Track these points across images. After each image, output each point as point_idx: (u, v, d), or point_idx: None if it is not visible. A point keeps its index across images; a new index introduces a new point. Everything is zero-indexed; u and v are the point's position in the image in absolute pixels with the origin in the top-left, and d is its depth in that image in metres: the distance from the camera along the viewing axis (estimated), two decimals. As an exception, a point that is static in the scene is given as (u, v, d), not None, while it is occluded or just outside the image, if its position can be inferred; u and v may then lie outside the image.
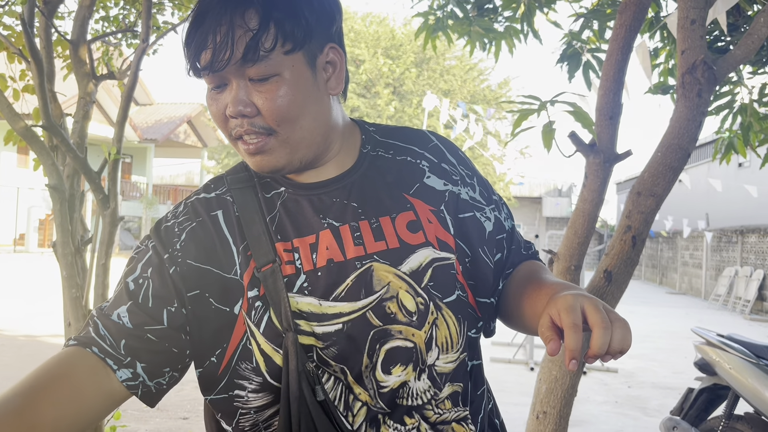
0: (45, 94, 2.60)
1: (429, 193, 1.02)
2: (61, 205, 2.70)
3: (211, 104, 0.93)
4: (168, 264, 0.94)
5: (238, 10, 0.86)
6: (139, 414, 4.76)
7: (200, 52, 0.88)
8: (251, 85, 0.89)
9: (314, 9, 0.92)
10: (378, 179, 1.01)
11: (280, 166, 0.94)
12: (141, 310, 0.91)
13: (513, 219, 1.14)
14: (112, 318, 0.91)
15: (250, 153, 0.92)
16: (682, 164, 2.24)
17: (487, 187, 1.11)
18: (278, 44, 0.87)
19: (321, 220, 0.96)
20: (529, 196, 33.10)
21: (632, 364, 7.81)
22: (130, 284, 0.94)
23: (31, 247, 21.48)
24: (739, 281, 15.96)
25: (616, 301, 2.41)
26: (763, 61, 3.15)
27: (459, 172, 1.07)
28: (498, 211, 1.09)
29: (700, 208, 20.24)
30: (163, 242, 0.96)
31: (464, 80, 23.00)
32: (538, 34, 3.21)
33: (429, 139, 1.09)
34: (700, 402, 3.56)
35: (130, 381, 0.90)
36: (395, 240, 0.97)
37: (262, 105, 0.89)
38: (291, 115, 0.90)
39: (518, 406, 5.27)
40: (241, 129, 0.91)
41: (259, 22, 0.86)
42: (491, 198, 1.10)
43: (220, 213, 0.98)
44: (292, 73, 0.89)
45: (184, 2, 3.82)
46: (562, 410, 2.38)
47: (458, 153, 1.10)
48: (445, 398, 0.96)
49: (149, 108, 26.83)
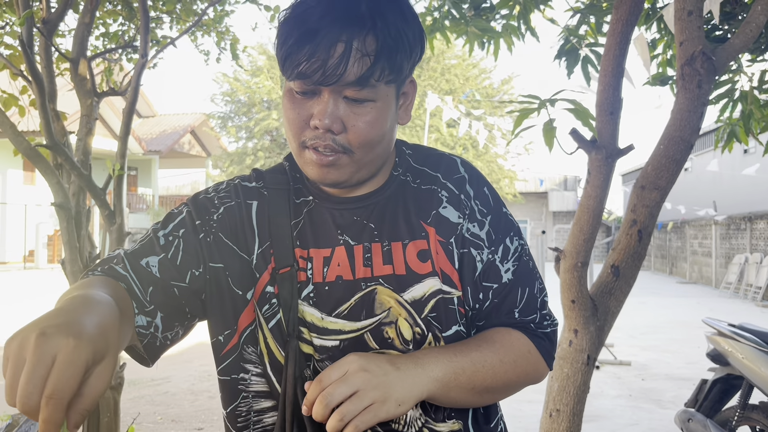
0: (47, 114, 2.62)
1: (443, 223, 1.00)
2: (68, 223, 2.71)
3: (292, 107, 0.92)
4: (199, 230, 0.98)
5: (359, 33, 0.86)
6: (153, 426, 4.78)
7: (308, 60, 0.87)
8: (345, 103, 0.90)
9: (417, 41, 0.94)
10: (400, 204, 1.01)
11: (342, 181, 0.95)
12: (171, 264, 0.95)
13: (526, 276, 1.02)
14: (141, 264, 0.94)
15: (320, 164, 0.92)
16: (685, 156, 2.24)
17: (501, 230, 1.02)
18: (386, 75, 0.89)
19: (339, 236, 0.98)
20: (534, 191, 33.03)
21: (645, 356, 7.78)
22: (161, 239, 0.97)
23: (40, 263, 21.59)
24: (750, 268, 15.87)
25: (624, 295, 2.40)
26: (762, 48, 3.14)
27: (471, 206, 1.02)
28: (502, 259, 1.01)
29: (707, 196, 20.15)
30: (199, 210, 1.00)
31: (466, 78, 22.98)
32: (535, 32, 3.20)
33: (457, 169, 1.05)
34: (714, 393, 3.54)
35: (143, 329, 0.92)
36: (402, 267, 0.97)
37: (352, 126, 0.90)
38: (373, 141, 0.92)
39: (532, 404, 5.26)
40: (321, 142, 0.90)
41: (376, 51, 0.87)
42: (500, 241, 1.02)
43: (255, 204, 1.02)
44: (385, 102, 0.92)
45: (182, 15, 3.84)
46: (575, 407, 2.38)
47: (481, 188, 1.04)
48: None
49: (152, 120, 26.93)
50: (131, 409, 4.98)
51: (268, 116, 21.31)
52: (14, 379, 0.65)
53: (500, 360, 0.95)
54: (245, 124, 22.48)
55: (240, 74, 22.49)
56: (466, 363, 0.91)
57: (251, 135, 22.33)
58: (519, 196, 24.62)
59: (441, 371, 0.89)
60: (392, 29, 0.89)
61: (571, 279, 2.36)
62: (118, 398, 2.97)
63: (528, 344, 0.99)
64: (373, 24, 0.87)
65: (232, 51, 4.39)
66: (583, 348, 2.36)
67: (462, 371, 0.90)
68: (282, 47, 0.89)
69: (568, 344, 2.38)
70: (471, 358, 0.92)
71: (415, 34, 0.93)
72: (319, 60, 0.86)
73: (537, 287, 1.03)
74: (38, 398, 0.63)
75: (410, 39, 0.92)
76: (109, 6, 3.84)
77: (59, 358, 0.64)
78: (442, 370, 0.89)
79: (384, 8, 0.89)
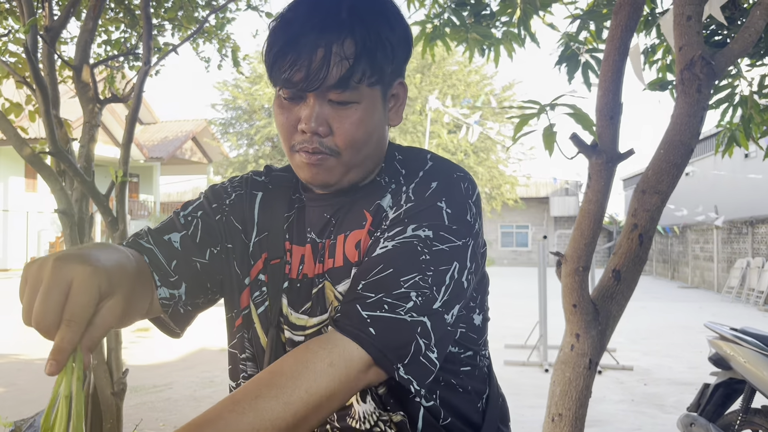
0: (51, 121, 2.64)
1: (376, 211, 0.97)
2: (70, 230, 2.72)
3: (280, 113, 0.95)
4: (215, 213, 1.04)
5: (337, 37, 0.89)
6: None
7: (291, 68, 0.90)
8: (330, 106, 0.92)
9: (400, 44, 0.96)
10: (361, 200, 1.00)
11: (332, 182, 0.97)
12: (191, 241, 1.00)
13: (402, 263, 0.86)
14: (164, 239, 0.98)
15: (309, 164, 0.95)
16: (685, 160, 2.24)
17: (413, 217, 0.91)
18: (367, 77, 0.92)
19: (308, 234, 1.02)
20: (535, 197, 33.03)
21: (647, 360, 7.77)
22: (181, 219, 1.02)
23: (42, 270, 21.59)
24: (752, 272, 15.85)
25: (626, 299, 2.41)
26: (761, 53, 3.15)
27: (403, 195, 0.96)
28: (387, 237, 0.90)
29: (708, 200, 20.14)
30: (214, 196, 1.07)
31: (467, 84, 23.03)
32: (535, 38, 3.22)
33: (420, 165, 0.99)
34: (716, 397, 3.54)
35: (166, 300, 0.95)
36: (341, 258, 0.97)
37: (337, 128, 0.92)
38: (359, 142, 0.94)
39: (534, 409, 5.25)
40: (309, 145, 0.93)
41: (355, 54, 0.90)
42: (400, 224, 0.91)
43: (259, 195, 1.08)
44: (370, 103, 0.94)
45: (184, 23, 3.86)
46: (578, 411, 2.38)
47: (428, 180, 0.95)
48: (393, 423, 0.95)
49: (154, 127, 26.99)
50: (134, 416, 4.98)
51: (269, 123, 21.36)
52: (31, 300, 0.70)
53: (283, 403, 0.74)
54: (246, 131, 22.52)
55: (241, 81, 22.55)
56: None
57: (252, 142, 22.37)
58: (520, 202, 24.62)
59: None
60: (372, 32, 0.91)
61: (573, 283, 2.37)
62: (120, 404, 2.98)
63: (329, 354, 0.79)
64: (351, 28, 0.90)
65: (233, 58, 4.41)
66: (585, 352, 2.36)
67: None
68: (268, 55, 0.93)
69: (570, 348, 2.38)
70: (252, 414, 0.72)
71: (398, 37, 0.95)
72: (302, 67, 0.89)
73: (413, 280, 0.85)
74: (53, 318, 0.68)
75: (392, 41, 0.94)
76: (111, 14, 3.87)
77: (75, 282, 0.69)
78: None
79: (364, 13, 0.92)
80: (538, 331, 7.68)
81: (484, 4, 3.21)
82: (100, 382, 2.88)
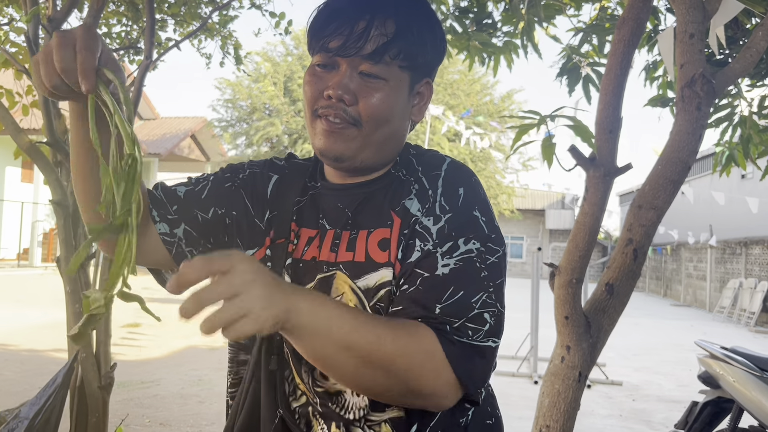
0: (50, 111, 2.63)
1: (406, 214, 0.98)
2: (65, 221, 2.71)
3: (311, 79, 1.00)
4: (227, 180, 1.12)
5: (381, 15, 0.97)
6: (141, 429, 4.75)
7: (331, 35, 0.97)
8: (359, 77, 0.97)
9: (436, 47, 1.04)
10: (381, 196, 1.03)
11: (346, 156, 1.00)
12: (197, 195, 1.09)
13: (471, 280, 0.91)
14: (170, 188, 1.10)
15: (328, 131, 0.98)
16: (682, 177, 2.25)
17: (458, 229, 0.94)
18: (399, 57, 0.98)
19: (320, 220, 1.05)
20: (532, 209, 33.08)
21: (637, 377, 7.77)
22: (192, 180, 1.12)
23: (35, 261, 21.50)
24: (744, 293, 15.88)
25: (618, 313, 2.41)
26: (762, 74, 3.16)
27: (434, 201, 0.97)
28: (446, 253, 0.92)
29: (703, 220, 20.19)
30: (230, 168, 1.15)
31: (468, 94, 23.06)
32: (537, 48, 3.23)
33: (439, 167, 1.02)
34: (704, 415, 3.54)
35: (167, 236, 1.06)
36: (363, 254, 0.99)
37: (363, 99, 0.97)
38: (381, 118, 0.98)
39: (522, 420, 5.24)
40: (332, 110, 0.97)
41: (394, 33, 0.97)
42: (452, 239, 0.93)
43: (275, 177, 1.14)
44: (396, 85, 0.99)
45: (186, 19, 3.86)
46: (565, 424, 2.37)
47: (455, 187, 0.99)
48: (383, 422, 0.96)
49: (153, 122, 26.94)
50: (120, 411, 4.95)
51: (270, 124, 21.33)
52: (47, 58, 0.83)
53: (392, 336, 0.82)
54: (245, 131, 22.48)
55: (243, 79, 22.54)
56: (352, 314, 0.82)
57: (250, 142, 22.34)
58: (517, 212, 24.63)
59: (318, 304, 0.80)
60: (413, 21, 0.99)
61: (566, 295, 2.37)
62: (107, 398, 2.96)
63: (434, 345, 0.85)
64: (396, 10, 0.98)
65: (235, 55, 4.41)
66: (575, 364, 2.36)
67: (341, 317, 0.80)
68: (312, 27, 1.00)
69: (560, 360, 2.38)
70: (358, 314, 0.83)
71: (436, 38, 1.03)
72: (341, 35, 0.96)
73: (481, 300, 0.90)
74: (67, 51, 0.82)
75: (428, 38, 1.01)
76: (112, 6, 3.86)
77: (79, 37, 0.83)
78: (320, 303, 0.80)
79: (410, 4, 1.00)
80: (529, 342, 7.68)
81: (487, 12, 3.21)
82: (87, 375, 2.86)
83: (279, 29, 4.30)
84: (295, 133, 21.41)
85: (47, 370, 6.32)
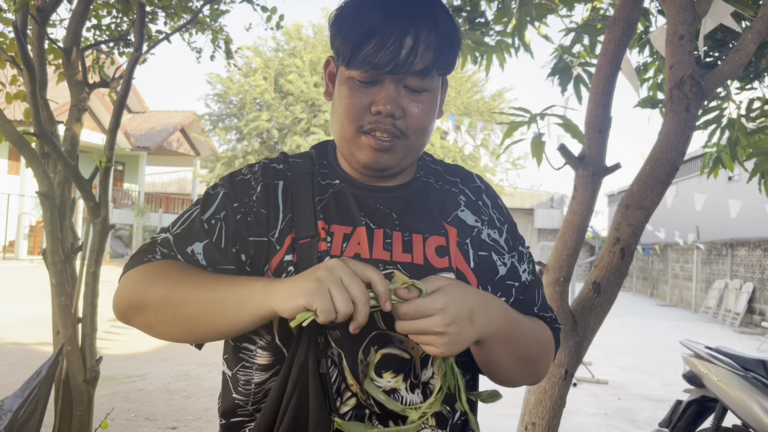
0: (37, 102, 2.60)
1: (462, 225, 1.08)
2: (51, 213, 2.69)
3: (354, 95, 0.98)
4: (237, 212, 1.03)
5: (424, 28, 0.95)
6: (126, 423, 4.72)
7: (377, 52, 0.94)
8: (405, 91, 0.98)
9: (459, 41, 1.03)
10: (422, 201, 1.08)
11: (392, 166, 1.02)
12: (216, 248, 1.00)
13: (538, 280, 1.14)
14: (188, 251, 1.00)
15: (377, 148, 0.99)
16: (670, 177, 2.26)
17: (516, 238, 1.13)
18: (443, 67, 1.00)
19: (361, 218, 1.04)
20: (521, 207, 33.18)
21: (622, 376, 7.82)
22: (204, 224, 1.02)
23: (21, 254, 21.32)
24: (729, 294, 16.02)
25: (605, 312, 2.42)
26: (750, 77, 3.19)
27: (489, 214, 1.11)
28: (519, 261, 1.11)
29: (690, 221, 20.34)
30: (237, 192, 1.05)
31: (458, 91, 23.08)
32: (529, 48, 3.23)
33: (473, 179, 1.15)
34: (688, 414, 3.57)
35: None
36: (421, 257, 1.02)
37: (411, 112, 0.99)
38: (425, 127, 1.01)
39: (508, 417, 5.26)
40: (382, 126, 0.98)
41: (437, 43, 0.97)
42: (516, 248, 1.12)
43: (281, 184, 1.07)
44: (436, 92, 1.02)
45: (177, 12, 3.83)
46: (551, 421, 2.38)
47: (496, 199, 1.15)
48: (431, 415, 0.98)
49: (142, 116, 26.76)
50: (105, 405, 4.93)
51: (259, 117, 21.24)
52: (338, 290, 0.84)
53: (536, 334, 1.06)
54: (235, 125, 22.38)
55: (233, 74, 22.42)
56: (520, 320, 1.01)
57: (241, 136, 22.24)
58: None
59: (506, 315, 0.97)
60: (447, 25, 0.98)
61: (553, 293, 2.38)
62: (92, 392, 2.94)
63: (549, 333, 1.10)
64: (433, 19, 0.97)
65: (226, 50, 4.38)
66: (561, 362, 2.37)
67: (517, 325, 0.99)
68: (348, 42, 0.96)
69: (547, 358, 2.39)
70: (522, 319, 1.02)
71: (457, 34, 1.02)
72: (390, 51, 0.93)
73: (542, 293, 1.14)
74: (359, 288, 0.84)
75: (456, 40, 1.01)
76: (104, -2, 3.83)
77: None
78: (506, 314, 0.97)
79: (435, 9, 0.99)
80: (516, 340, 7.70)
81: (480, 11, 3.21)
82: (72, 368, 2.85)
83: (270, 24, 4.28)
84: (285, 128, 21.34)
85: (32, 363, 6.27)
